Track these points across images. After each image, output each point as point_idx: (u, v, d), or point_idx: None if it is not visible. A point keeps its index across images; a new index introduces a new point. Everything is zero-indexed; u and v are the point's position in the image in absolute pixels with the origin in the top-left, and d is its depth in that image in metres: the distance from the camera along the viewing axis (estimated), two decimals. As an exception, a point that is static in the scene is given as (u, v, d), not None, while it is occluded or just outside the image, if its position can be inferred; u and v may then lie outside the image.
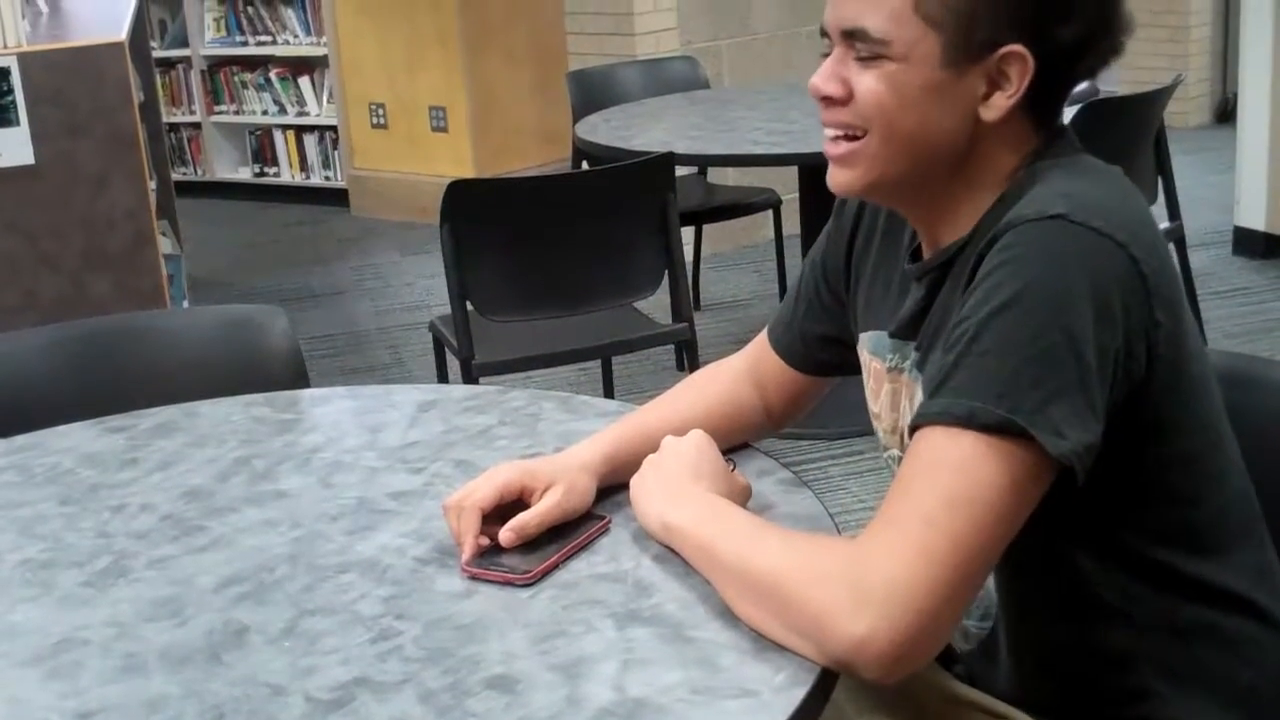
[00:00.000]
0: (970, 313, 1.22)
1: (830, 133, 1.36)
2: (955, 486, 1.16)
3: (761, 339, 1.63)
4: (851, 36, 1.31)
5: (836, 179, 1.38)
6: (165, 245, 4.11)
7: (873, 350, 1.47)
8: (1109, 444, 1.22)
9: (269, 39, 7.14)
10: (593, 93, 4.64)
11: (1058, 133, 1.36)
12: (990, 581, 1.40)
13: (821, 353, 1.58)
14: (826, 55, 1.36)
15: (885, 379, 1.45)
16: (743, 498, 1.41)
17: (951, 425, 1.18)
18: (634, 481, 1.41)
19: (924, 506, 1.16)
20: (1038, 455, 1.17)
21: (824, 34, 1.36)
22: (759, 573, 1.21)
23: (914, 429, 1.22)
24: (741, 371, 1.62)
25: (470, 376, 3.19)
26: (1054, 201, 1.23)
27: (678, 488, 1.36)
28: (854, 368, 1.54)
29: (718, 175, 5.06)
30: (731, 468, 1.44)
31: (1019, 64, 1.29)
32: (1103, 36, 1.32)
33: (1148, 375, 1.24)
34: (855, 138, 1.34)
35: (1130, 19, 1.33)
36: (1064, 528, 1.28)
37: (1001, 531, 1.18)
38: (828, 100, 1.34)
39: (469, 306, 3.21)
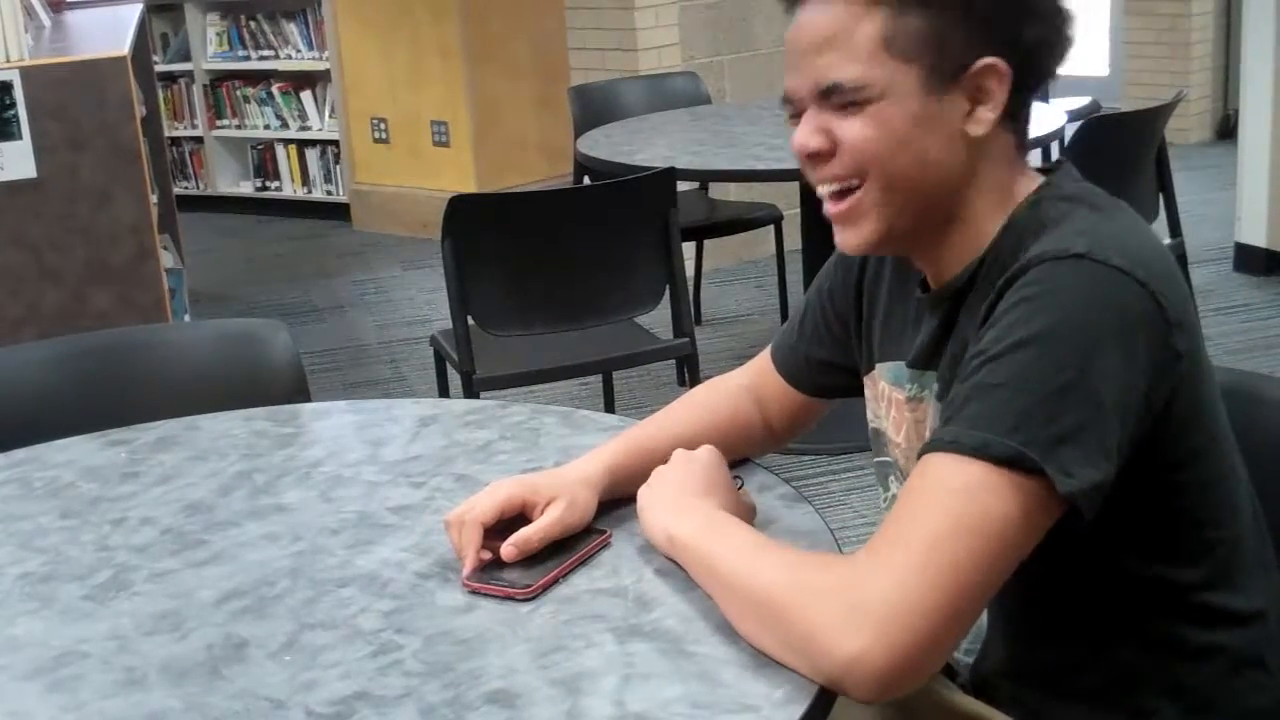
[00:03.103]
0: (989, 346, 1.22)
1: (825, 190, 1.35)
2: (961, 514, 1.15)
3: (765, 357, 1.62)
4: (828, 93, 1.30)
5: (846, 240, 1.36)
6: (167, 259, 4.11)
7: (893, 381, 1.46)
8: (1131, 473, 1.22)
9: (271, 53, 7.16)
10: (594, 108, 4.65)
11: (1057, 164, 1.37)
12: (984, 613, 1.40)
13: (825, 377, 1.58)
14: (795, 118, 1.34)
15: (906, 409, 1.44)
16: (748, 517, 1.40)
17: (962, 454, 1.17)
18: (641, 492, 1.41)
19: (927, 530, 1.15)
20: (1047, 490, 1.16)
21: (787, 101, 1.35)
22: (757, 589, 1.20)
23: (922, 454, 1.22)
24: (743, 387, 1.62)
25: (471, 391, 3.19)
26: (1073, 240, 1.23)
27: (683, 501, 1.36)
28: (856, 391, 1.54)
29: (719, 190, 5.07)
30: (739, 485, 1.44)
31: (995, 74, 1.29)
32: (1062, 29, 1.33)
33: (1169, 405, 1.24)
34: (852, 189, 1.32)
35: (1071, 11, 1.34)
36: (1075, 553, 1.28)
37: (1003, 563, 1.17)
38: (814, 156, 1.33)
39: (470, 321, 3.22)
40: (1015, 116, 1.33)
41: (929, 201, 1.33)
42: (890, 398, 1.47)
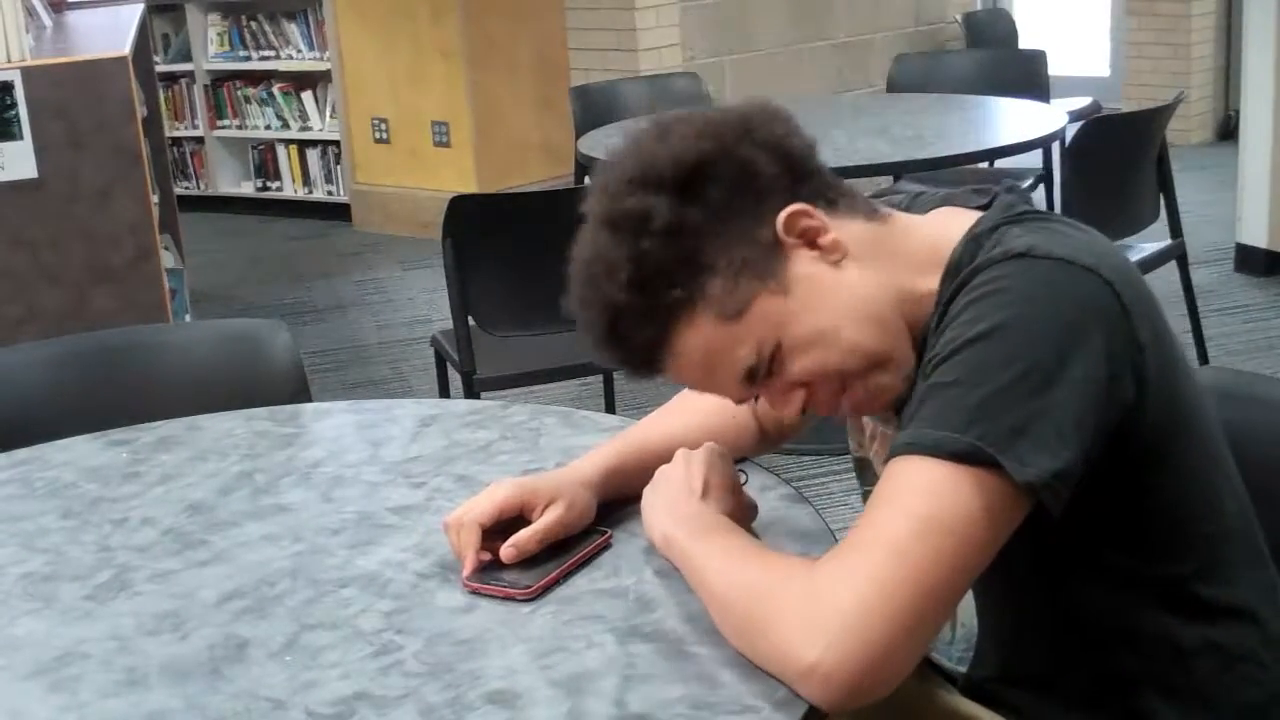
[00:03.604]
0: (941, 349, 1.22)
1: (832, 407, 1.34)
2: (921, 513, 1.15)
3: None
4: (750, 375, 1.29)
5: (875, 409, 1.35)
6: (168, 259, 4.11)
7: (879, 419, 1.45)
8: (1108, 469, 1.22)
9: (272, 54, 7.16)
10: (596, 108, 4.64)
11: (994, 197, 1.35)
12: (973, 618, 1.39)
13: None
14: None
15: (885, 441, 1.44)
16: (749, 515, 1.41)
17: (919, 454, 1.17)
18: (645, 492, 1.41)
19: (888, 534, 1.15)
20: (1007, 484, 1.15)
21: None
22: (732, 598, 1.21)
23: (886, 463, 1.22)
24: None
25: (472, 391, 3.19)
26: (1014, 243, 1.24)
27: (680, 502, 1.36)
28: None
29: (720, 191, 5.06)
30: (743, 481, 1.44)
31: (797, 215, 1.29)
32: (789, 144, 1.31)
33: (1139, 397, 1.23)
34: (842, 388, 1.31)
35: (788, 117, 1.33)
36: (1064, 553, 1.28)
37: (968, 562, 1.16)
38: (811, 408, 1.32)
39: (471, 321, 3.21)
40: (837, 206, 1.32)
41: (888, 316, 1.31)
42: (875, 432, 1.46)
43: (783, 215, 1.28)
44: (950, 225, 1.33)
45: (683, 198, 1.27)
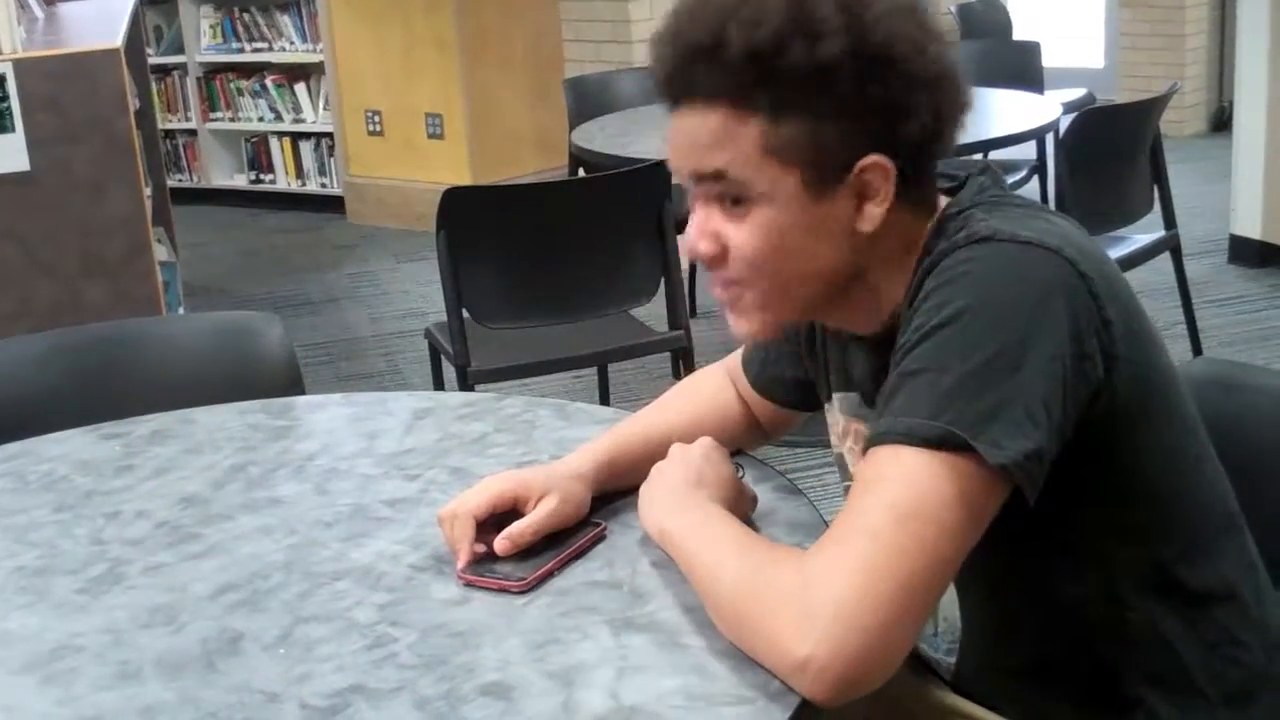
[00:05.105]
0: (910, 336, 1.22)
1: (718, 288, 1.34)
2: (898, 501, 1.15)
3: (737, 363, 1.61)
4: (711, 181, 1.29)
5: (737, 329, 1.35)
6: (161, 252, 4.11)
7: (850, 413, 1.45)
8: (1083, 450, 1.22)
9: (265, 46, 7.15)
10: (590, 100, 4.64)
11: (965, 180, 1.34)
12: (955, 610, 1.39)
13: (798, 392, 1.56)
14: (693, 197, 1.33)
15: (859, 437, 1.44)
16: (748, 506, 1.41)
17: (893, 443, 1.17)
18: (642, 488, 1.41)
19: (868, 523, 1.15)
20: (982, 467, 1.15)
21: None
22: (724, 591, 1.21)
23: (864, 454, 1.21)
24: (730, 379, 1.62)
25: (466, 384, 3.19)
26: (977, 227, 1.24)
27: (678, 494, 1.36)
28: None
29: (714, 183, 5.05)
30: (740, 474, 1.43)
31: (879, 171, 1.27)
32: (948, 114, 1.30)
33: (1108, 375, 1.22)
34: (741, 286, 1.32)
35: (961, 80, 1.31)
36: (1044, 541, 1.28)
37: (949, 548, 1.15)
38: (709, 259, 1.32)
39: (465, 314, 3.21)
40: (914, 196, 1.31)
41: (821, 290, 1.32)
42: (849, 429, 1.46)
43: (876, 160, 1.27)
44: (910, 225, 1.32)
45: (857, 44, 1.24)
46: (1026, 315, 1.18)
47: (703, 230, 1.31)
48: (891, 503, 1.15)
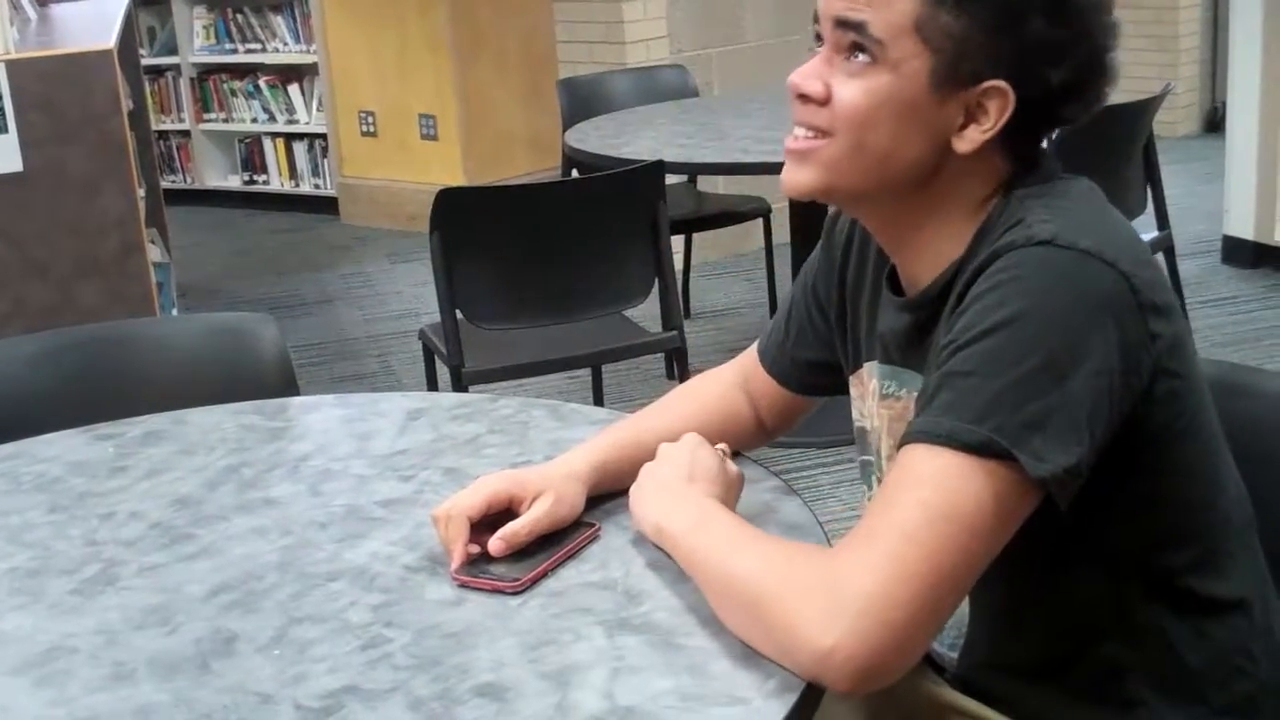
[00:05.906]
0: (957, 335, 1.22)
1: (799, 131, 1.34)
2: (934, 503, 1.16)
3: (752, 354, 1.62)
4: (849, 29, 1.29)
5: (790, 178, 1.35)
6: (154, 253, 4.10)
7: (880, 378, 1.45)
8: (1114, 457, 1.22)
9: (258, 46, 7.14)
10: (583, 101, 4.64)
11: (1035, 158, 1.35)
12: (963, 605, 1.40)
13: (813, 376, 1.58)
14: (812, 53, 1.34)
15: (888, 406, 1.44)
16: (737, 489, 1.41)
17: (933, 443, 1.18)
18: (632, 489, 1.41)
19: (901, 521, 1.16)
20: (1019, 476, 1.16)
21: (816, 27, 1.34)
22: (737, 582, 1.21)
23: (899, 448, 1.22)
24: (734, 381, 1.62)
25: (460, 384, 3.19)
26: (1039, 228, 1.23)
27: (671, 492, 1.36)
28: (845, 389, 1.54)
29: (708, 184, 5.07)
30: (724, 455, 1.43)
31: (999, 100, 1.28)
32: (1090, 85, 1.31)
33: (1150, 387, 1.23)
34: (818, 136, 1.32)
35: (1116, 70, 1.33)
36: (1062, 542, 1.28)
37: (980, 551, 1.17)
38: (804, 98, 1.32)
39: (459, 314, 3.21)
40: (1015, 145, 1.32)
41: (885, 186, 1.32)
42: (878, 395, 1.46)
43: (1004, 86, 1.27)
44: (995, 171, 1.33)
45: None
46: (1078, 328, 1.19)
47: (816, 72, 1.32)
48: (926, 503, 1.16)
